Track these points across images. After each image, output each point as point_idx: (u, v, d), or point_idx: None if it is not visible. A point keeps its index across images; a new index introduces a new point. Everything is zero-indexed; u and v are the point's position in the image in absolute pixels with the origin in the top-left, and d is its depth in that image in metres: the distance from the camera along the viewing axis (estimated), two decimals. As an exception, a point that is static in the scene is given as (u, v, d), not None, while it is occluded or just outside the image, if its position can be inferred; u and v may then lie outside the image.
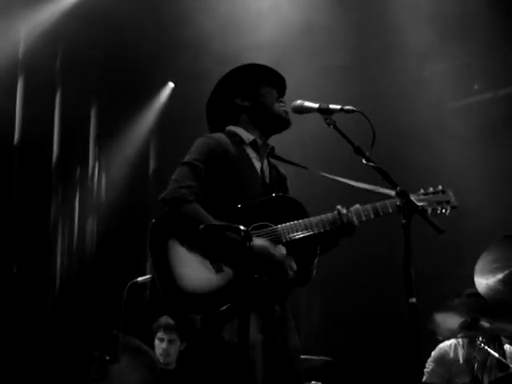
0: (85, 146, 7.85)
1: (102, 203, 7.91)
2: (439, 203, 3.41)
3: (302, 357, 3.47)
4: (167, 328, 5.54)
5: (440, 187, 3.47)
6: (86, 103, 7.79)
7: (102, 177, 8.02)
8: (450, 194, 3.46)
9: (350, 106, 3.17)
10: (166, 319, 5.50)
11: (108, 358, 4.74)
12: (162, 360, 5.50)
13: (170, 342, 5.56)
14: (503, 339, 5.31)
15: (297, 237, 3.24)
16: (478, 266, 4.81)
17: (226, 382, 3.05)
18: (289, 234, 3.25)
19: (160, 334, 5.57)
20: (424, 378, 5.36)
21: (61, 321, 6.91)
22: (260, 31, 7.07)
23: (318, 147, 6.59)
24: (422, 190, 3.46)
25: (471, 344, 5.21)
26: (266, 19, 7.14)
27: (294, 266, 3.22)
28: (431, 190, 3.46)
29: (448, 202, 3.42)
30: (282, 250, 3.22)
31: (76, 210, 7.63)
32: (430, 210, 3.35)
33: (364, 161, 3.01)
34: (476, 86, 7.83)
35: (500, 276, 4.78)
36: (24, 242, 6.80)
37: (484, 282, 4.77)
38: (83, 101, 7.71)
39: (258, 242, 3.13)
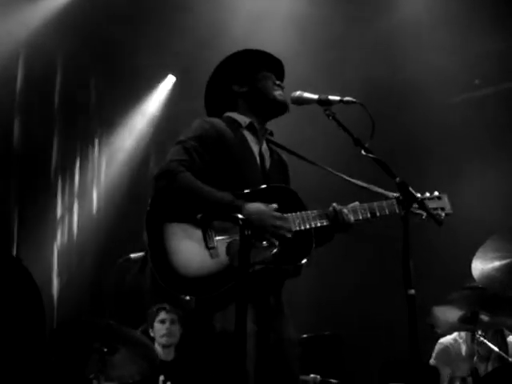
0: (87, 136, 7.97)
1: (102, 186, 8.03)
2: (434, 209, 3.40)
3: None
4: (169, 309, 5.62)
5: (436, 193, 3.48)
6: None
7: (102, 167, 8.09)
8: (446, 200, 3.46)
9: (350, 97, 3.17)
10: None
11: (106, 349, 4.73)
12: (165, 341, 5.60)
13: (173, 321, 5.65)
14: (506, 332, 5.32)
15: (294, 229, 3.22)
16: (479, 252, 4.80)
17: (219, 373, 3.04)
18: None
19: (161, 315, 5.65)
20: None
21: (62, 308, 6.95)
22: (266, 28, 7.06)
23: (318, 140, 6.55)
24: (418, 195, 3.44)
25: (473, 338, 5.21)
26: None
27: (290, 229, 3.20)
28: (427, 194, 3.47)
29: (443, 209, 3.43)
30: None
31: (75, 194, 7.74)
32: (424, 215, 3.32)
33: (363, 152, 3.01)
34: (477, 81, 7.82)
35: (497, 264, 4.78)
36: (23, 226, 6.88)
37: (480, 267, 4.77)
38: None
39: (253, 205, 3.14)
